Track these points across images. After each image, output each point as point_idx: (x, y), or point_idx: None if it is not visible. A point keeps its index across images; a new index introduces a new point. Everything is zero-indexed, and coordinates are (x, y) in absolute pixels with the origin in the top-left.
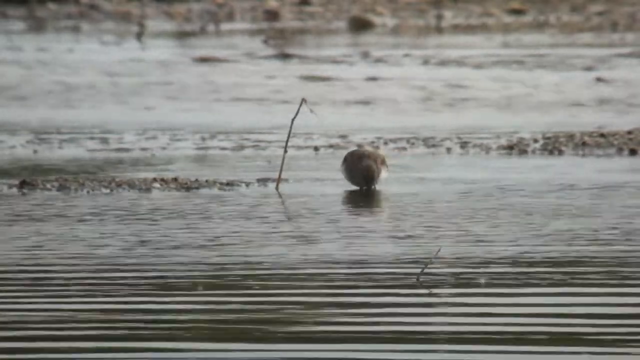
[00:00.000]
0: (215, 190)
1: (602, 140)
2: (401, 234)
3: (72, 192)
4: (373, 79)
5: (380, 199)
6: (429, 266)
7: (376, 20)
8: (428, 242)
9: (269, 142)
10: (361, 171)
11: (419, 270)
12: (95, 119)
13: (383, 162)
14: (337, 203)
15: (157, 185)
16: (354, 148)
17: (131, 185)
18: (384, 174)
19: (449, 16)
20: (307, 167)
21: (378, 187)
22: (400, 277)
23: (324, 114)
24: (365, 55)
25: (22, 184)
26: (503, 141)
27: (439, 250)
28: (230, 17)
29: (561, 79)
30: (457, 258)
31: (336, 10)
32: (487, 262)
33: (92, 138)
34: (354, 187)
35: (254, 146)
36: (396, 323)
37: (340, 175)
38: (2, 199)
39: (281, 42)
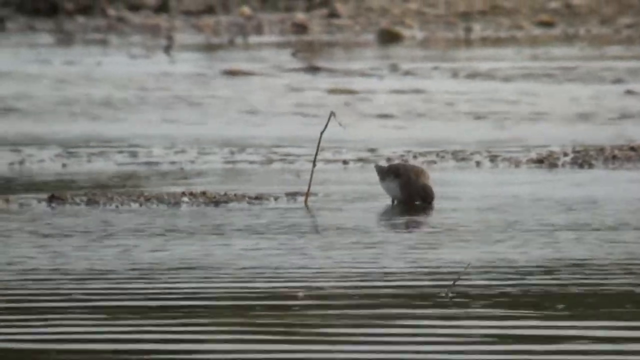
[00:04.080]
0: (244, 204)
1: (632, 153)
2: (430, 248)
3: (101, 206)
4: (402, 92)
5: (411, 213)
6: (457, 281)
7: (405, 32)
8: (457, 257)
9: (298, 155)
10: (421, 189)
11: (448, 285)
12: (123, 133)
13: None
14: (366, 217)
15: (185, 199)
16: (398, 162)
17: (160, 199)
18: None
19: (478, 29)
20: (336, 180)
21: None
22: (429, 292)
23: (352, 127)
24: (394, 68)
25: (51, 199)
26: (533, 155)
27: (468, 265)
28: (258, 29)
29: (591, 92)
30: (487, 273)
31: (365, 22)
32: (516, 278)
33: (120, 152)
34: (386, 201)
35: (282, 160)
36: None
37: (370, 188)
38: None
39: (310, 55)
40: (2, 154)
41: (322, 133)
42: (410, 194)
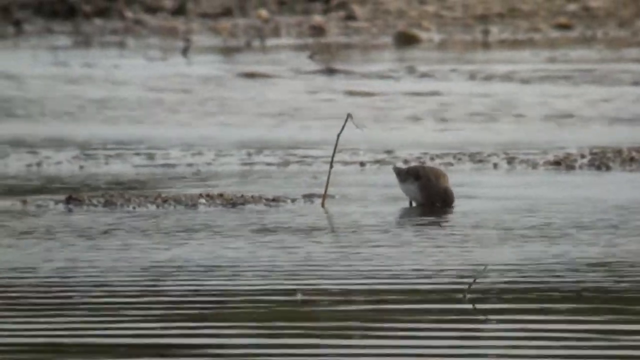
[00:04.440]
0: (261, 206)
1: None
2: (448, 250)
3: (118, 208)
4: (419, 94)
5: (428, 214)
6: (475, 282)
7: (422, 35)
8: (475, 258)
9: (315, 157)
10: (443, 192)
11: (466, 286)
12: (141, 135)
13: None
14: (384, 218)
15: (203, 201)
16: (418, 164)
17: (177, 201)
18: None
19: (496, 31)
20: (353, 182)
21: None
22: (447, 293)
23: (369, 129)
24: (411, 70)
25: (69, 200)
26: (550, 157)
27: (485, 267)
28: (275, 32)
29: (609, 94)
30: (504, 274)
31: (382, 25)
32: (534, 279)
33: (137, 154)
34: (403, 203)
35: (299, 162)
36: (443, 346)
37: (387, 190)
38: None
39: (327, 57)
40: (20, 155)
41: (339, 135)
42: (430, 196)
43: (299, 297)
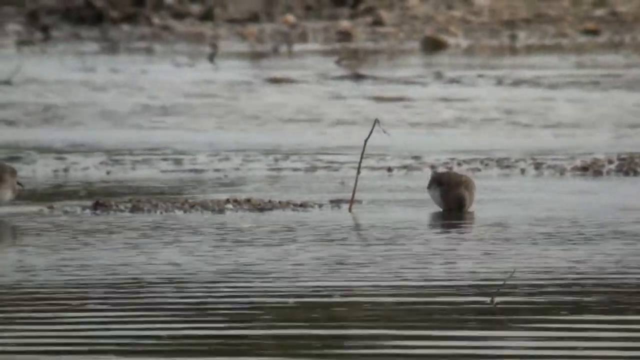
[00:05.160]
0: (288, 211)
1: None
2: (475, 255)
3: (146, 213)
4: (446, 99)
5: (455, 220)
6: (502, 288)
7: (449, 40)
8: (501, 264)
9: (342, 163)
10: (456, 197)
11: (493, 291)
12: (168, 140)
13: (474, 186)
14: (410, 224)
15: (230, 206)
16: (445, 170)
17: (204, 206)
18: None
19: (523, 36)
20: (380, 188)
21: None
22: (474, 298)
23: (397, 134)
24: (439, 75)
25: (96, 205)
26: (578, 162)
27: (512, 273)
28: (302, 37)
29: (636, 99)
30: (532, 280)
31: (409, 30)
32: (562, 284)
33: (165, 159)
34: (431, 208)
35: (326, 167)
36: (468, 347)
37: (414, 195)
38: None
39: (354, 62)
40: (47, 161)
41: (366, 140)
42: (448, 202)
43: (290, 302)
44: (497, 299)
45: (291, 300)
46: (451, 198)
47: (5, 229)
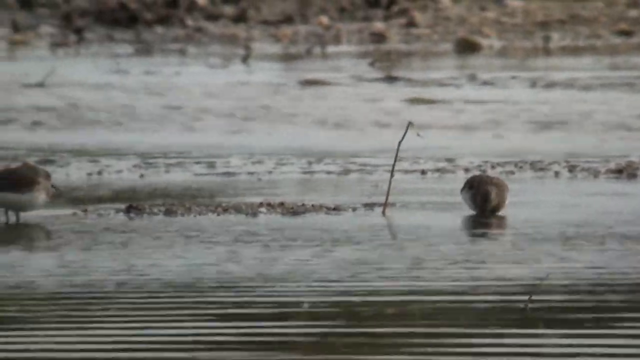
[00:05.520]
0: (322, 215)
1: None
2: (508, 258)
3: (179, 216)
4: (480, 101)
5: (489, 224)
6: (537, 292)
7: (483, 42)
8: (537, 268)
9: (376, 166)
10: (482, 195)
11: (527, 296)
12: (201, 143)
13: (506, 189)
14: (444, 227)
15: (263, 209)
16: (478, 173)
17: (238, 209)
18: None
19: (557, 38)
20: (414, 191)
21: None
22: (508, 303)
23: (430, 137)
24: (472, 77)
25: (129, 209)
26: (612, 165)
27: (547, 276)
28: (336, 39)
29: None
30: (566, 284)
31: (443, 32)
32: (595, 290)
33: (198, 162)
34: (464, 211)
35: (360, 170)
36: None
37: (448, 198)
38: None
39: (388, 64)
40: (81, 164)
41: (400, 143)
42: (476, 202)
43: (305, 306)
44: (532, 299)
45: (306, 304)
46: (478, 196)
47: (40, 232)
